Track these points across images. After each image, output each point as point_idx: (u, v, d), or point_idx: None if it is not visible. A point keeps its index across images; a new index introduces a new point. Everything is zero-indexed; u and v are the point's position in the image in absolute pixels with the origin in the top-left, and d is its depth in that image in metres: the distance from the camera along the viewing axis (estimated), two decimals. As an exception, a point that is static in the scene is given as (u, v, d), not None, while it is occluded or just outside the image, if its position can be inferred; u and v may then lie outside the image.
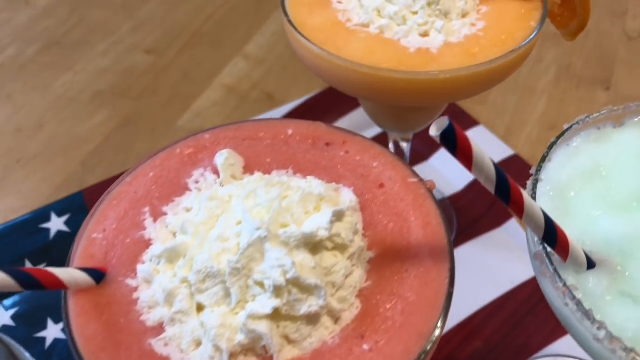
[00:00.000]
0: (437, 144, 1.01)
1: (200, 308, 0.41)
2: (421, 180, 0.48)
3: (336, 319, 0.41)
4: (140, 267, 0.43)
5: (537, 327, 0.81)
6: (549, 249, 0.43)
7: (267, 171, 0.49)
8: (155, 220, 0.46)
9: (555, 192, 0.48)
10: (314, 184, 0.46)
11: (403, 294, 0.41)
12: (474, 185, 0.97)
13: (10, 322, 0.82)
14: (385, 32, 0.62)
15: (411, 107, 0.69)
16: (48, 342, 0.81)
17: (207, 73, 1.21)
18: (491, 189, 0.39)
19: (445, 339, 0.80)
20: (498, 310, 0.83)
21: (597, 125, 0.53)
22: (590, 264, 0.43)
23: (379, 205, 0.46)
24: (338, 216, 0.42)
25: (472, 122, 1.05)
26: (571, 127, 0.51)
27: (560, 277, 0.41)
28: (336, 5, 0.66)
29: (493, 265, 0.87)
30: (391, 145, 0.81)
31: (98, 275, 0.44)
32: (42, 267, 0.86)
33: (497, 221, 0.93)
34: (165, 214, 0.47)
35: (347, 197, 0.46)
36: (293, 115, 1.06)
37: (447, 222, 0.46)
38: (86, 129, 1.10)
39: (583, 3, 0.64)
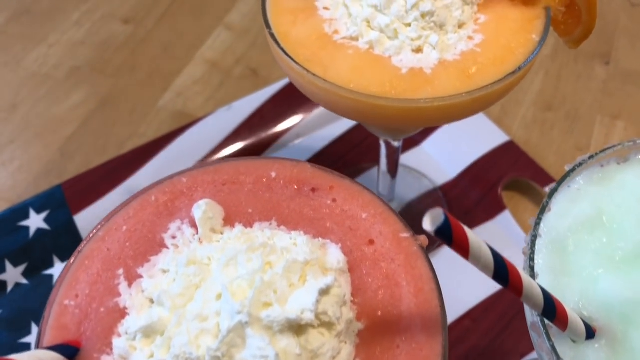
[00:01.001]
0: (429, 130, 0.98)
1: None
2: (413, 235, 0.45)
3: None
4: (115, 342, 0.41)
5: (526, 330, 0.80)
6: (546, 321, 0.41)
7: (248, 223, 0.46)
8: (130, 284, 0.43)
9: (554, 246, 0.45)
10: (299, 242, 0.44)
11: (394, 373, 0.39)
12: (467, 173, 0.94)
13: (-7, 329, 0.80)
14: (375, 47, 0.57)
15: (403, 125, 0.66)
16: (33, 348, 0.80)
17: (187, 45, 1.15)
18: (489, 275, 0.37)
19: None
20: (487, 312, 0.81)
21: (601, 162, 0.50)
22: (590, 334, 0.41)
23: (368, 266, 0.44)
24: (324, 292, 0.39)
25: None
26: (573, 169, 0.48)
27: (557, 355, 0.39)
28: (322, 12, 0.61)
29: (484, 261, 0.85)
30: (382, 144, 0.78)
31: (70, 351, 0.41)
32: (22, 267, 0.85)
33: (490, 213, 0.90)
34: (140, 276, 0.44)
35: (334, 256, 0.44)
36: (280, 96, 1.01)
37: (439, 286, 0.43)
38: (63, 110, 1.05)
39: (589, 9, 0.59)
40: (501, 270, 0.36)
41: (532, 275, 0.43)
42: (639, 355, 0.40)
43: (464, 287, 0.82)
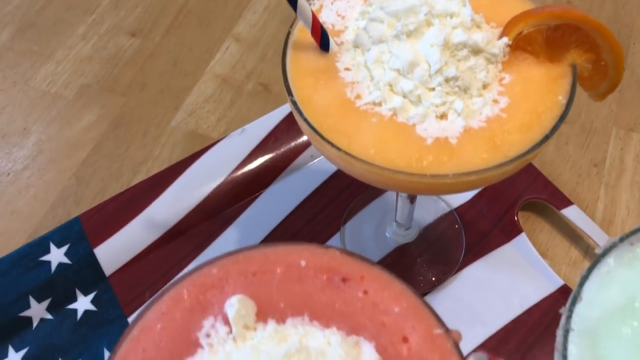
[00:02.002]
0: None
1: None
2: (447, 330, 0.46)
3: None
4: None
5: (546, 356, 0.82)
6: None
7: (281, 319, 0.47)
8: (167, 389, 0.44)
9: (584, 338, 0.46)
10: (332, 342, 0.44)
11: None
12: (483, 194, 0.94)
13: (21, 365, 0.82)
14: (399, 114, 0.56)
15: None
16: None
17: (197, 59, 1.13)
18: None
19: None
20: (508, 337, 0.83)
21: (631, 241, 0.50)
22: None
23: (402, 365, 0.44)
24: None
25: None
26: (603, 255, 0.48)
27: None
28: (343, 74, 0.60)
29: (503, 287, 0.86)
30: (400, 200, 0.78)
31: None
32: (46, 303, 0.86)
33: (506, 235, 0.90)
34: (178, 380, 0.45)
35: (368, 356, 0.44)
36: (291, 117, 0.99)
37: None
38: (75, 132, 1.05)
39: (617, 65, 0.59)
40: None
41: (565, 372, 0.44)
42: None
43: (485, 312, 0.84)
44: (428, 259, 0.89)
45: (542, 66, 0.59)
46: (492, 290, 0.87)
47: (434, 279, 0.87)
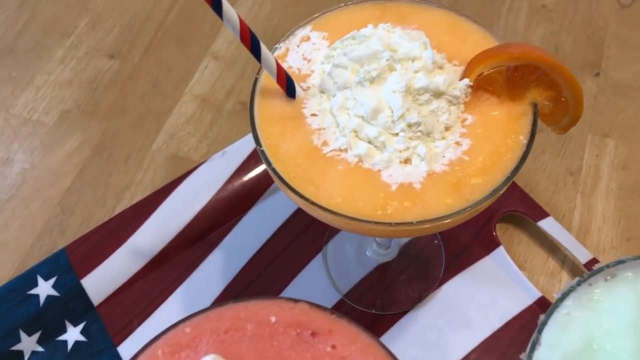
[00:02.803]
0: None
1: None
2: (410, 381, 0.48)
3: None
4: None
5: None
6: None
7: (253, 378, 0.49)
8: None
9: (545, 383, 0.48)
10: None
11: None
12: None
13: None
14: (365, 161, 0.58)
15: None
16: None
17: (176, 80, 1.14)
18: None
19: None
20: (489, 351, 0.85)
21: (589, 282, 0.52)
22: None
23: (370, 418, 0.46)
24: None
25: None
26: (562, 299, 0.50)
27: None
28: (310, 120, 0.61)
29: (482, 300, 0.88)
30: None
31: None
32: (36, 336, 0.88)
33: (485, 249, 0.92)
34: None
35: (336, 414, 0.46)
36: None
37: None
38: (58, 160, 1.06)
39: (576, 101, 0.60)
40: None
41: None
42: None
43: (465, 327, 0.86)
44: (409, 276, 0.91)
45: (503, 106, 0.60)
46: (473, 304, 0.89)
47: (415, 295, 0.89)
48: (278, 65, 0.60)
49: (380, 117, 0.57)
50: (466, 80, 0.60)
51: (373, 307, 0.88)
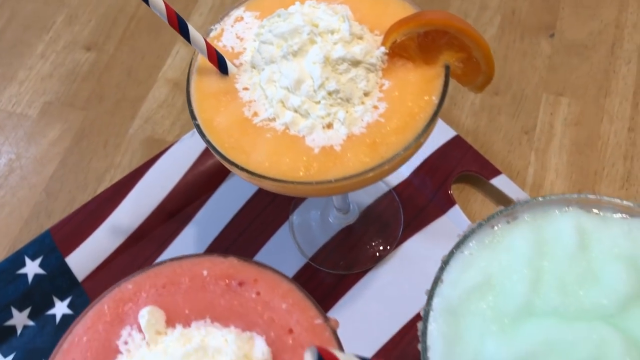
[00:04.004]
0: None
1: None
2: (326, 319, 0.53)
3: None
4: None
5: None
6: None
7: (187, 323, 0.55)
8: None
9: (446, 316, 0.53)
10: (229, 339, 0.52)
11: None
12: (419, 170, 1.01)
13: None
14: (291, 128, 0.63)
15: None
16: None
17: (149, 67, 1.20)
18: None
19: (393, 342, 0.88)
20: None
21: (492, 223, 0.57)
22: None
23: (290, 354, 0.52)
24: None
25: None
26: (464, 238, 0.55)
27: None
28: (242, 94, 0.66)
29: (438, 257, 0.93)
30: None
31: None
32: (27, 311, 0.95)
33: (441, 208, 0.97)
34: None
35: (259, 348, 0.52)
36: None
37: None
38: (42, 150, 1.13)
39: (487, 61, 0.64)
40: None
41: (425, 348, 0.51)
42: None
43: (422, 284, 0.91)
44: (370, 237, 0.97)
45: (418, 70, 0.65)
46: (430, 260, 0.93)
47: (376, 254, 0.95)
48: (208, 45, 0.65)
49: (303, 87, 0.63)
50: (382, 48, 0.64)
51: (337, 267, 0.94)
